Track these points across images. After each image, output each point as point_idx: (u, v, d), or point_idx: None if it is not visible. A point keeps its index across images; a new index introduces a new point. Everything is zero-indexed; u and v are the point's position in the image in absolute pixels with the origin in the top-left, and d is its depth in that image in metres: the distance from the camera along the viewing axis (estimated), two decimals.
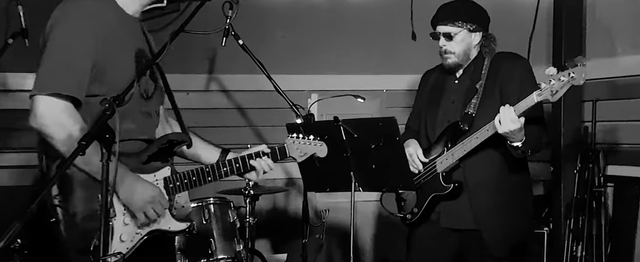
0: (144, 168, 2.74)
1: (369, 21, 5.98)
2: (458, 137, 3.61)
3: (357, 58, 5.98)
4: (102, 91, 2.60)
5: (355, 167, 3.52)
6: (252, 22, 5.60)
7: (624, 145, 4.95)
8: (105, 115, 2.24)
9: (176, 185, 2.80)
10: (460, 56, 3.66)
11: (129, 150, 2.69)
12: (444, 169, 3.63)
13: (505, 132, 3.33)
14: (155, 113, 2.88)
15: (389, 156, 3.46)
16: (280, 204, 5.76)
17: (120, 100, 2.31)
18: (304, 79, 5.89)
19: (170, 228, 2.80)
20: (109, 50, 2.62)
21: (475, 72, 3.68)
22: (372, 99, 6.07)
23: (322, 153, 3.06)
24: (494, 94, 3.60)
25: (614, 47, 5.03)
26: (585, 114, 5.16)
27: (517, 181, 3.67)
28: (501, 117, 3.32)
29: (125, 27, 2.74)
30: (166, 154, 2.81)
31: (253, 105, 5.71)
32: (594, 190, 4.88)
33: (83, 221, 2.57)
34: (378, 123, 3.49)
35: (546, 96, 3.23)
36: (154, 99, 2.85)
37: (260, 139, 5.74)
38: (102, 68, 2.61)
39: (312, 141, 3.01)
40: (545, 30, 5.39)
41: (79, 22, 2.59)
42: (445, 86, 3.78)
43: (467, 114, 3.61)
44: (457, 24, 3.62)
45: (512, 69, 3.61)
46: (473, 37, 3.65)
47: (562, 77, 3.16)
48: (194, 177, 2.83)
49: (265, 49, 5.60)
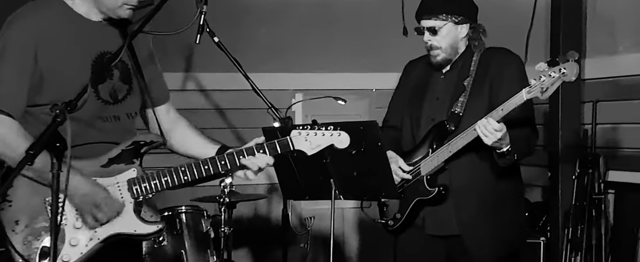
0: (105, 171, 2.72)
1: (358, 16, 5.96)
2: (444, 138, 3.56)
3: (345, 55, 5.97)
4: (46, 100, 2.65)
5: (336, 174, 3.48)
6: (232, 17, 5.59)
7: (626, 149, 4.93)
8: (56, 122, 2.24)
9: (143, 187, 2.74)
10: (448, 50, 3.61)
11: (85, 154, 2.69)
12: (428, 172, 3.58)
13: (493, 144, 3.31)
14: (127, 116, 2.86)
15: (370, 162, 3.42)
16: (261, 212, 5.74)
17: (72, 107, 2.31)
18: (287, 78, 5.89)
19: (136, 231, 2.75)
20: (53, 61, 2.67)
21: (463, 68, 3.63)
22: (361, 99, 6.06)
23: (343, 144, 2.80)
24: (482, 92, 3.55)
25: (615, 45, 5.01)
26: (585, 116, 5.14)
27: (507, 186, 3.62)
28: (483, 131, 3.29)
29: (83, 34, 2.76)
30: (132, 155, 2.77)
31: (233, 105, 5.69)
32: (593, 197, 4.86)
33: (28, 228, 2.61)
34: (359, 127, 3.42)
35: (536, 94, 3.18)
36: (126, 102, 2.83)
37: (240, 142, 5.67)
38: (45, 79, 2.66)
39: (328, 131, 2.79)
40: (543, 26, 5.37)
41: (16, 37, 2.65)
42: (430, 82, 3.73)
43: (454, 113, 3.56)
44: (441, 17, 3.56)
45: (503, 66, 3.56)
46: (459, 30, 3.60)
47: (553, 73, 3.11)
48: (165, 177, 2.75)
49: (246, 45, 5.59)
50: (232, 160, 2.77)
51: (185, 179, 2.77)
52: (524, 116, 3.44)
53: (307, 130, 2.79)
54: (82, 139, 2.68)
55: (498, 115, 3.29)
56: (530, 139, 3.55)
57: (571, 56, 3.10)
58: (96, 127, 2.76)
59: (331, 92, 5.88)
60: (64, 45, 2.70)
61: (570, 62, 3.10)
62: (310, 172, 3.56)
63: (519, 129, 3.40)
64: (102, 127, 2.78)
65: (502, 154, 3.37)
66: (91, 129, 2.74)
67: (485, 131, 3.30)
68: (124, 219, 2.75)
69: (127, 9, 2.71)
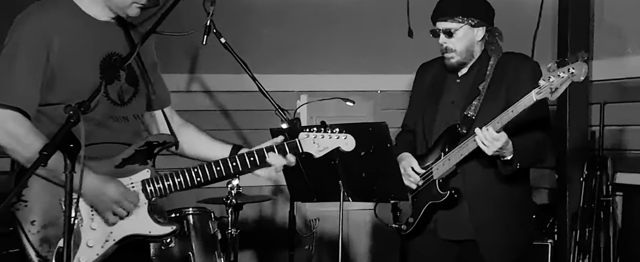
0: (119, 172, 2.74)
1: (362, 16, 5.95)
2: (456, 141, 3.55)
3: (350, 56, 5.95)
4: (58, 100, 2.68)
5: (344, 176, 3.50)
6: (237, 18, 5.58)
7: (634, 151, 4.94)
8: (69, 123, 2.26)
9: (157, 188, 2.77)
10: (463, 54, 3.59)
11: (99, 154, 2.72)
12: (440, 176, 3.58)
13: (495, 153, 3.31)
14: (134, 117, 2.89)
15: (379, 163, 3.43)
16: (266, 213, 5.73)
17: (85, 107, 2.32)
18: (292, 79, 5.88)
19: (150, 232, 2.77)
20: (63, 59, 2.69)
21: (479, 72, 3.61)
22: (366, 101, 6.06)
23: (349, 146, 2.85)
24: (497, 97, 3.54)
25: (623, 47, 5.02)
26: (593, 118, 5.14)
27: (518, 189, 3.62)
28: (482, 140, 3.30)
29: (92, 34, 2.79)
30: (145, 156, 2.80)
31: (238, 106, 5.68)
32: (601, 199, 4.86)
33: (44, 228, 2.62)
34: (368, 128, 3.46)
35: (545, 94, 3.18)
36: (133, 104, 2.87)
37: (246, 143, 5.65)
38: (56, 77, 2.69)
39: (335, 133, 2.84)
40: (550, 27, 5.37)
41: (28, 35, 2.68)
42: (446, 85, 3.72)
43: (467, 116, 3.56)
44: (457, 19, 3.55)
45: (520, 71, 3.55)
46: (476, 33, 3.58)
47: (562, 73, 3.11)
48: (178, 178, 2.78)
49: (251, 46, 5.58)
50: (243, 161, 2.81)
51: (198, 181, 2.81)
52: (535, 119, 3.43)
53: (314, 132, 2.83)
54: (95, 139, 2.70)
55: (508, 118, 3.29)
56: (539, 146, 3.53)
57: (580, 56, 3.11)
58: (108, 127, 2.78)
59: (336, 93, 5.88)
60: (74, 45, 2.72)
61: (578, 61, 3.10)
62: (318, 173, 3.57)
63: (526, 136, 3.39)
64: (114, 127, 2.80)
65: (506, 161, 3.38)
66: (103, 129, 2.76)
67: (484, 141, 3.30)
68: (139, 220, 2.76)
69: (137, 8, 2.75)
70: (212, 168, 2.80)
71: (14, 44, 2.67)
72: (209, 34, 3.99)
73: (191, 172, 2.79)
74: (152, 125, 3.06)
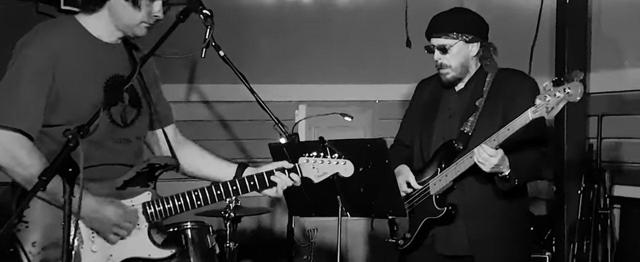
0: (120, 194, 2.77)
1: (361, 27, 5.98)
2: (452, 157, 3.57)
3: (348, 66, 5.98)
4: (60, 121, 2.69)
5: (342, 191, 3.49)
6: (235, 28, 5.60)
7: (632, 164, 4.94)
8: (68, 147, 2.27)
9: (157, 210, 2.80)
10: (458, 70, 3.62)
11: (100, 176, 2.74)
12: (437, 191, 3.59)
13: (492, 170, 3.33)
14: (137, 139, 2.91)
15: (377, 179, 3.44)
16: (265, 224, 5.75)
17: (84, 131, 2.33)
18: (290, 89, 5.91)
19: (150, 256, 2.79)
20: (68, 81, 2.71)
21: (476, 88, 3.63)
22: (364, 111, 6.08)
23: (348, 172, 2.91)
24: (494, 113, 3.55)
25: (620, 60, 5.03)
26: (590, 130, 5.14)
27: (515, 203, 3.63)
28: (479, 158, 3.32)
29: (97, 55, 2.81)
30: (146, 178, 2.82)
31: (237, 117, 5.71)
32: (599, 212, 4.86)
33: (45, 250, 2.63)
34: (366, 145, 3.47)
35: (541, 113, 3.19)
36: (135, 125, 2.89)
37: (245, 154, 5.74)
38: (60, 99, 2.70)
39: (334, 159, 2.89)
40: (548, 40, 5.38)
41: (34, 56, 2.68)
42: (443, 99, 3.74)
43: (463, 132, 3.57)
44: (451, 36, 3.57)
45: (517, 88, 3.56)
46: (470, 48, 3.60)
47: (558, 93, 3.12)
48: (179, 201, 2.81)
49: (250, 57, 5.59)
50: (244, 185, 2.86)
51: (198, 204, 2.85)
52: (531, 137, 3.43)
53: (314, 157, 2.89)
54: (96, 161, 2.71)
55: (504, 136, 3.30)
56: (536, 162, 3.54)
57: (576, 76, 3.11)
58: (109, 148, 2.79)
59: (334, 103, 5.92)
60: (79, 66, 2.74)
61: (575, 81, 3.10)
62: (317, 189, 3.55)
63: (523, 153, 3.40)
64: (115, 149, 2.81)
65: (504, 178, 3.39)
66: (105, 151, 2.77)
67: (480, 159, 3.32)
68: (139, 242, 2.78)
69: (145, 27, 2.78)
70: (212, 191, 2.85)
71: (19, 66, 2.67)
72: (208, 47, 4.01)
73: (192, 195, 2.83)
74: (154, 144, 3.07)
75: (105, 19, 2.78)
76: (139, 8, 2.73)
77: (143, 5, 2.73)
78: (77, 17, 2.81)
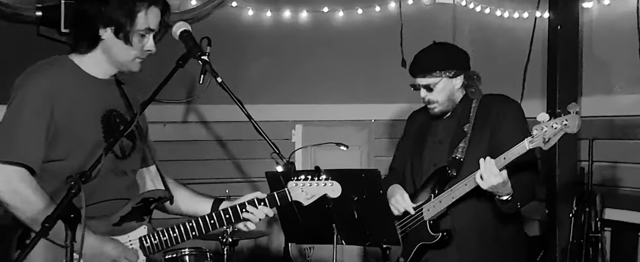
0: (117, 229, 2.81)
1: (357, 47, 6.03)
2: (445, 183, 3.63)
3: (344, 86, 6.03)
4: (59, 156, 2.74)
5: (338, 220, 3.55)
6: (232, 48, 5.64)
7: (623, 188, 4.97)
8: (71, 194, 2.29)
9: (154, 244, 2.86)
10: (445, 103, 3.71)
11: (98, 213, 2.77)
12: (431, 217, 3.65)
13: (489, 187, 3.37)
14: (131, 172, 2.97)
15: (372, 209, 3.50)
16: (261, 243, 5.79)
17: (86, 177, 2.35)
18: (287, 109, 5.94)
19: None
20: (66, 117, 2.76)
21: (463, 114, 3.71)
22: (360, 130, 6.12)
23: (335, 193, 2.98)
24: (482, 138, 3.62)
25: (611, 85, 5.07)
26: (582, 153, 5.17)
27: (510, 229, 3.69)
28: (483, 171, 3.35)
29: (92, 91, 2.87)
30: (142, 212, 2.88)
31: (234, 137, 5.73)
32: (590, 235, 4.88)
33: None
34: (361, 174, 3.54)
35: (538, 144, 3.25)
36: (131, 158, 2.95)
37: (242, 174, 5.76)
38: (59, 134, 2.74)
39: (322, 181, 2.96)
40: (540, 63, 5.42)
41: (32, 94, 2.73)
42: (431, 127, 3.82)
43: (455, 159, 3.63)
44: (435, 75, 3.65)
45: (503, 113, 3.63)
46: (454, 82, 3.68)
47: (555, 125, 3.19)
48: (174, 233, 2.88)
49: (246, 76, 5.64)
50: (236, 213, 2.95)
51: (194, 235, 2.93)
52: (526, 162, 3.49)
53: (302, 181, 2.96)
54: (97, 197, 2.76)
55: (501, 164, 3.34)
56: (533, 188, 3.62)
57: (572, 108, 3.17)
58: (109, 183, 2.83)
59: (330, 123, 5.96)
60: (76, 103, 2.79)
61: (572, 114, 3.17)
62: (313, 217, 3.58)
63: (521, 175, 3.46)
64: (115, 183, 2.86)
65: (504, 201, 3.44)
66: (104, 186, 2.80)
67: (484, 172, 3.34)
68: None
69: (138, 62, 2.85)
70: (207, 222, 2.92)
71: (17, 104, 2.72)
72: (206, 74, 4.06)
73: (187, 227, 2.91)
74: (140, 181, 3.12)
75: (100, 58, 2.85)
76: (131, 44, 2.78)
77: (135, 42, 2.79)
78: (71, 57, 2.87)
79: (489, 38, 5.99)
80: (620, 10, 4.99)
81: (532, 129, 3.24)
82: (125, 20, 2.77)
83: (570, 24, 5.20)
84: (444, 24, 6.20)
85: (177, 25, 2.83)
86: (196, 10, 5.54)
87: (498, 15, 5.88)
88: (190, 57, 2.75)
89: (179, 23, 2.84)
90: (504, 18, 5.85)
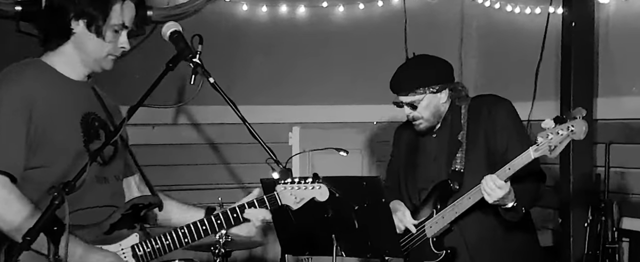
0: (108, 238, 2.82)
1: (358, 43, 6.00)
2: (448, 198, 3.60)
3: (344, 85, 5.99)
4: (40, 163, 2.73)
5: (338, 230, 3.52)
6: (224, 45, 5.61)
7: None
8: (54, 205, 2.27)
9: (146, 252, 2.86)
10: (430, 119, 3.67)
11: (86, 221, 2.78)
12: (434, 234, 3.62)
13: (496, 201, 3.35)
14: (113, 178, 2.98)
15: (373, 219, 3.46)
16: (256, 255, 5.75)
17: (70, 188, 2.34)
18: (283, 110, 5.91)
19: None
20: (45, 123, 2.75)
21: (454, 122, 3.68)
22: (361, 133, 6.08)
23: (323, 196, 3.01)
24: (478, 144, 3.60)
25: (629, 86, 5.02)
26: (598, 158, 5.12)
27: (521, 238, 3.67)
28: (486, 188, 3.33)
29: (68, 92, 2.87)
30: (132, 220, 2.89)
31: (227, 140, 5.71)
32: (607, 246, 4.83)
33: None
34: (362, 182, 3.51)
35: (544, 152, 3.21)
36: (113, 164, 2.96)
37: (235, 179, 5.74)
38: (39, 140, 2.73)
39: (309, 184, 2.99)
40: (553, 61, 5.37)
41: (8, 97, 2.72)
42: (421, 144, 3.79)
43: (455, 171, 3.61)
44: (418, 92, 3.61)
45: (495, 114, 3.60)
46: (440, 97, 3.65)
47: (561, 131, 3.14)
48: (167, 241, 2.89)
49: (240, 75, 5.62)
50: (227, 218, 2.96)
51: (186, 242, 2.93)
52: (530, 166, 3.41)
53: (290, 184, 2.99)
54: (81, 204, 2.75)
55: (505, 175, 3.32)
56: (538, 190, 3.58)
57: (578, 113, 3.12)
58: (93, 190, 2.82)
59: (330, 125, 5.94)
60: (54, 107, 2.78)
61: (578, 119, 3.12)
62: (310, 227, 3.57)
63: (526, 179, 3.42)
64: (98, 190, 2.86)
65: (509, 209, 3.41)
66: (88, 192, 2.79)
67: (487, 188, 3.34)
68: None
69: (111, 60, 2.86)
70: (198, 228, 2.93)
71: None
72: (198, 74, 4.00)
73: (179, 234, 2.91)
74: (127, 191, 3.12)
75: (72, 56, 2.85)
76: (103, 38, 2.79)
77: (109, 37, 2.80)
78: (43, 59, 2.87)
79: (498, 35, 5.94)
80: (639, 5, 4.92)
81: (537, 137, 3.21)
82: (99, 13, 2.77)
83: (585, 21, 5.13)
84: (450, 19, 6.16)
85: (167, 26, 2.84)
86: (186, 5, 5.48)
87: (508, 11, 5.82)
88: (180, 60, 2.75)
89: (168, 23, 2.85)
90: (514, 14, 5.79)
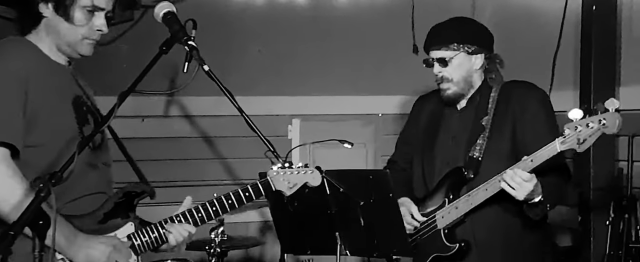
0: (102, 228, 2.88)
1: (361, 31, 5.97)
2: (461, 187, 3.58)
3: (347, 76, 5.97)
4: (36, 142, 2.76)
5: (342, 228, 3.51)
6: (220, 32, 5.60)
7: None
8: (40, 197, 2.29)
9: (144, 241, 2.93)
10: (460, 84, 3.62)
11: (79, 210, 2.84)
12: (446, 225, 3.59)
13: (526, 196, 3.29)
14: (103, 165, 3.03)
15: (381, 215, 3.45)
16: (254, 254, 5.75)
17: (57, 179, 2.37)
18: (283, 102, 5.90)
19: None
20: (40, 102, 2.78)
21: (480, 105, 3.64)
22: (366, 125, 6.09)
23: (316, 181, 3.13)
24: (503, 133, 3.56)
25: None
26: (620, 152, 5.09)
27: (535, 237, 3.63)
28: (511, 184, 3.28)
29: (57, 74, 2.91)
30: (126, 208, 2.95)
31: (222, 133, 5.69)
32: (630, 246, 4.81)
33: None
34: (368, 176, 3.49)
35: (571, 145, 3.16)
36: (101, 151, 3.02)
37: (231, 175, 5.75)
38: (35, 117, 2.76)
39: (301, 168, 3.11)
40: (572, 48, 5.35)
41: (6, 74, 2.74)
42: (444, 120, 3.75)
43: (472, 158, 3.56)
44: (452, 47, 3.57)
45: (525, 103, 3.56)
46: (473, 61, 3.60)
47: (591, 124, 3.10)
48: (163, 229, 2.95)
49: (236, 65, 5.62)
50: (222, 205, 3.03)
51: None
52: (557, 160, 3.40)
53: (282, 168, 3.10)
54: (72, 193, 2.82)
55: (527, 168, 3.28)
56: (564, 184, 3.54)
57: (611, 105, 3.08)
58: (85, 176, 2.88)
59: (333, 117, 5.96)
60: (46, 88, 2.82)
61: (611, 112, 3.08)
62: (313, 224, 3.61)
63: (549, 175, 3.38)
64: (89, 177, 2.91)
65: (535, 204, 3.37)
66: (80, 179, 2.84)
67: (513, 184, 3.29)
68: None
69: (88, 45, 2.89)
70: (194, 215, 3.01)
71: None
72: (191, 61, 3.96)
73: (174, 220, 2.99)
74: None
75: (47, 40, 2.89)
76: (73, 22, 2.82)
77: (79, 19, 2.82)
78: (28, 38, 2.91)
79: (513, 21, 5.91)
80: None
81: (564, 128, 3.16)
82: None
83: (606, 4, 5.10)
84: (461, 5, 6.13)
85: (160, 6, 2.84)
86: None
87: None
88: (175, 42, 2.76)
89: (162, 3, 2.88)
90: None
